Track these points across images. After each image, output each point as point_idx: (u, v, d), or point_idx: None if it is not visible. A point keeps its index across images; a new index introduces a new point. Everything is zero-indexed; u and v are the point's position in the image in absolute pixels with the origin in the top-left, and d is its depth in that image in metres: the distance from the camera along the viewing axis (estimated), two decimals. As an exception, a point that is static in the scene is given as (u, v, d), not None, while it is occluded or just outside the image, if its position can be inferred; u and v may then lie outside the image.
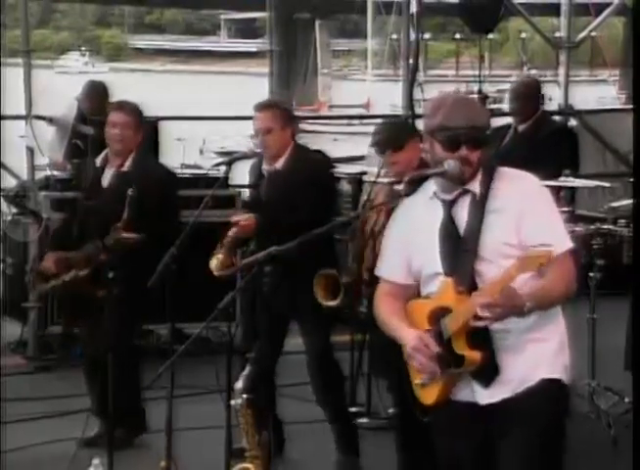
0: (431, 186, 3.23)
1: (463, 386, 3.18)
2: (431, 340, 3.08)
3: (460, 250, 3.11)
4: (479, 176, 3.16)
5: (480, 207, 3.12)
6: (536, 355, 3.15)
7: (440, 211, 3.18)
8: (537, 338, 3.15)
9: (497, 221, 3.10)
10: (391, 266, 3.29)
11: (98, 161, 5.21)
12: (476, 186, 3.16)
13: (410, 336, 3.12)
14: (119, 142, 5.10)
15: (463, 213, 3.16)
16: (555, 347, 3.19)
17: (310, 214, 4.49)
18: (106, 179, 5.18)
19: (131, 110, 5.16)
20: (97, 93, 7.17)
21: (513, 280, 2.97)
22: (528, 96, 6.32)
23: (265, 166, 4.85)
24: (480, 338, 3.07)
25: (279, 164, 4.79)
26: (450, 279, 3.09)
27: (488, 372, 3.13)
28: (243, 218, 4.73)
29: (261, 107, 4.82)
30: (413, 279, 3.25)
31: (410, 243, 3.23)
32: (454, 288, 3.08)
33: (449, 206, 3.17)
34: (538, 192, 3.16)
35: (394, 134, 4.60)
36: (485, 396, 3.15)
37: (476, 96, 8.41)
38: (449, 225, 3.15)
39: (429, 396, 3.19)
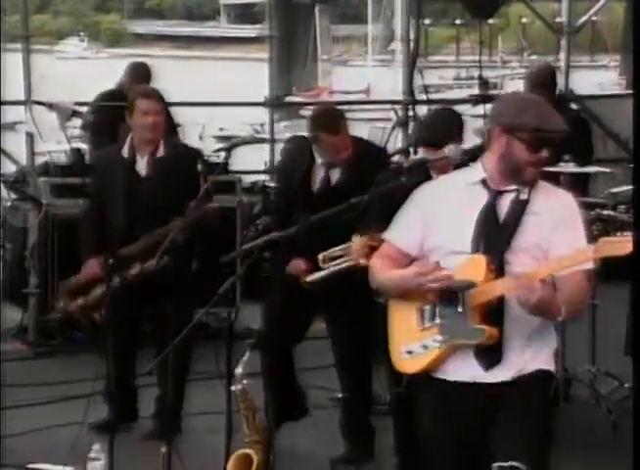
0: (476, 173, 3.29)
1: (459, 365, 3.21)
2: (429, 265, 3.18)
3: (495, 236, 3.21)
4: None
5: (522, 205, 3.23)
6: (538, 345, 3.25)
7: (482, 198, 3.25)
8: (542, 326, 3.24)
9: (534, 223, 3.22)
10: (404, 234, 3.34)
11: (125, 150, 5.07)
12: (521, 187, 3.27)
13: (411, 268, 3.21)
14: (154, 130, 4.99)
15: (504, 207, 3.25)
16: (552, 337, 3.31)
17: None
18: (142, 168, 5.05)
19: (159, 96, 5.10)
20: (141, 75, 7.11)
21: (560, 271, 3.09)
22: (545, 84, 6.24)
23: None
24: (494, 319, 3.16)
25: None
26: (484, 257, 3.17)
27: (493, 356, 3.20)
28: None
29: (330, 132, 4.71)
30: (419, 253, 3.30)
31: (433, 219, 3.28)
32: (487, 265, 3.16)
33: (496, 195, 3.25)
34: (576, 209, 3.29)
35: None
36: (486, 375, 3.21)
37: (476, 81, 8.38)
38: (491, 212, 3.24)
39: (414, 364, 3.23)
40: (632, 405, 3.52)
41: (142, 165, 5.04)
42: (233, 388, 3.73)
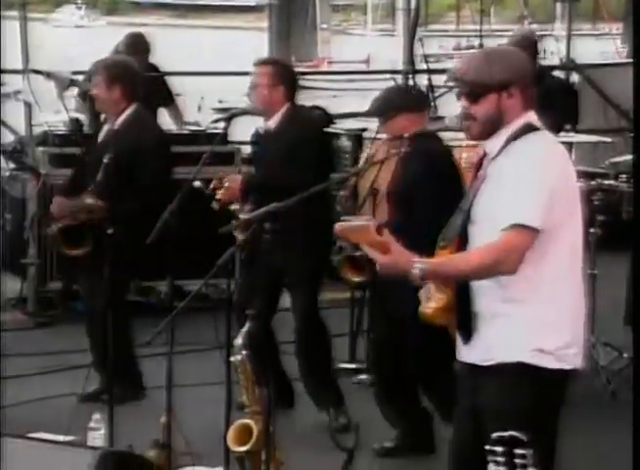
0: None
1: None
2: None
3: (465, 207, 3.07)
4: (502, 137, 3.04)
5: (485, 169, 3.05)
6: (499, 332, 3.00)
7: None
8: (502, 312, 3.00)
9: (489, 185, 3.02)
10: None
11: (102, 117, 5.28)
12: (494, 147, 3.05)
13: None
14: (96, 102, 5.19)
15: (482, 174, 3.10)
16: (524, 326, 3.00)
17: (303, 175, 4.48)
18: (101, 135, 5.21)
19: (101, 68, 5.20)
20: (138, 46, 7.08)
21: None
22: (524, 51, 6.20)
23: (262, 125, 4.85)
24: (463, 295, 3.02)
25: (272, 122, 4.77)
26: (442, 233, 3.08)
27: (465, 330, 3.05)
28: (230, 180, 4.73)
29: (257, 62, 4.85)
30: None
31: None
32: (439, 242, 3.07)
33: (477, 165, 3.11)
34: (517, 160, 2.98)
35: (384, 105, 4.56)
36: (463, 352, 3.11)
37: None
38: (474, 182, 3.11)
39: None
40: (632, 375, 3.53)
41: (102, 134, 5.22)
42: (232, 359, 3.73)
